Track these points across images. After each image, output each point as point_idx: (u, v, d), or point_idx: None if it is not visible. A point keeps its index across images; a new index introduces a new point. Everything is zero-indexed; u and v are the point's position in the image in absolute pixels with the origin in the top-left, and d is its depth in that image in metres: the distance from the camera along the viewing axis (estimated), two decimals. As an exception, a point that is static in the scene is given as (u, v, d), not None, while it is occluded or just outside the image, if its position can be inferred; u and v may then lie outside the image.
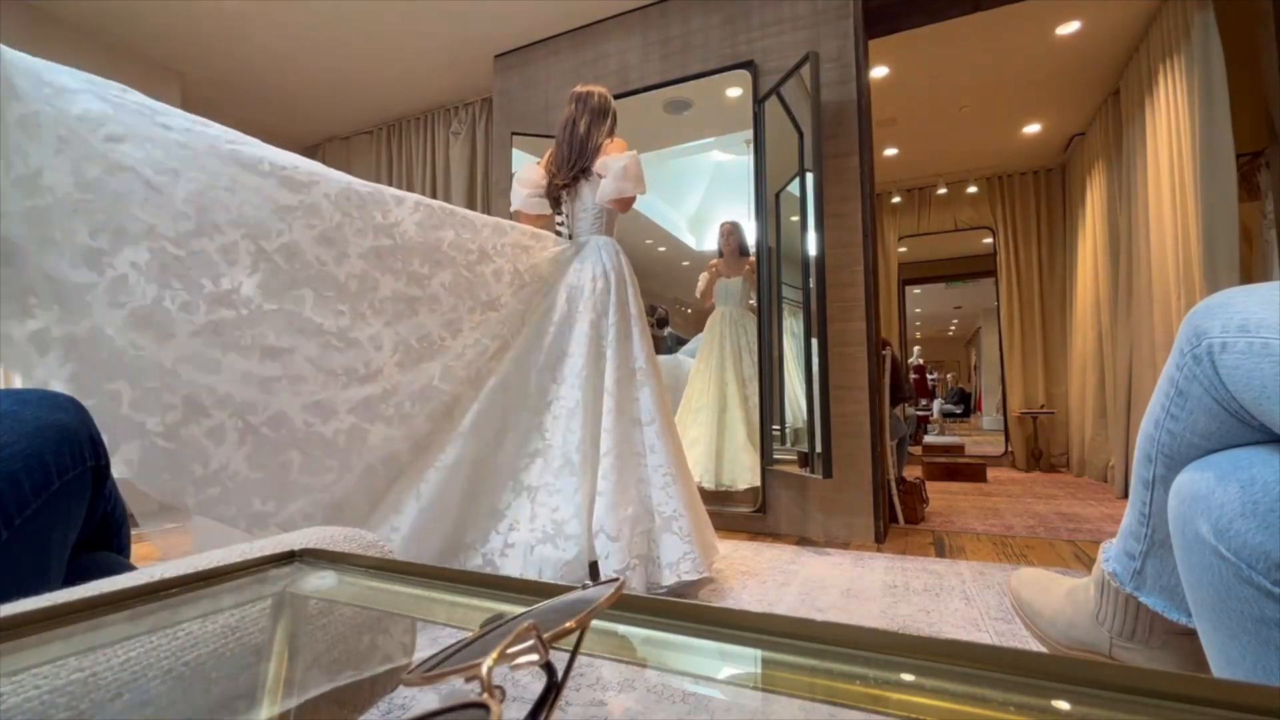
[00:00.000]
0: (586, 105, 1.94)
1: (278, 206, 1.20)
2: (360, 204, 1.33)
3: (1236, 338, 0.50)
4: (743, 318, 3.15)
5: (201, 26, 3.32)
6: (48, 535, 0.54)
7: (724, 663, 0.27)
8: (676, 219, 3.59)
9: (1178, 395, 0.56)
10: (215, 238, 1.11)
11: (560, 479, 1.65)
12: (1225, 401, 0.51)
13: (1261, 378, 0.48)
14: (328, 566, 0.41)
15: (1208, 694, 0.19)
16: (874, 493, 2.48)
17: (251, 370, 1.16)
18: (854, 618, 1.61)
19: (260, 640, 0.39)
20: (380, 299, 1.38)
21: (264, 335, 1.18)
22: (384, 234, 1.37)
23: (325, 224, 1.27)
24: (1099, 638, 0.67)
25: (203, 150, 1.11)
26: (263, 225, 1.17)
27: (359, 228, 1.32)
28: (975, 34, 3.28)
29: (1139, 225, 3.35)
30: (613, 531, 1.60)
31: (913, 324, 6.58)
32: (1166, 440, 0.57)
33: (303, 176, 1.24)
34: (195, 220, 1.09)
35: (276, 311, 1.20)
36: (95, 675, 0.31)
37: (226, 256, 1.13)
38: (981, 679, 0.22)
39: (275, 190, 1.20)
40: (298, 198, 1.22)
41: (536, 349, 1.76)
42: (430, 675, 0.21)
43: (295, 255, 1.22)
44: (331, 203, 1.28)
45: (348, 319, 1.32)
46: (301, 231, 1.23)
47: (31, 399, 0.57)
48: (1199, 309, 0.56)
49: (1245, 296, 0.53)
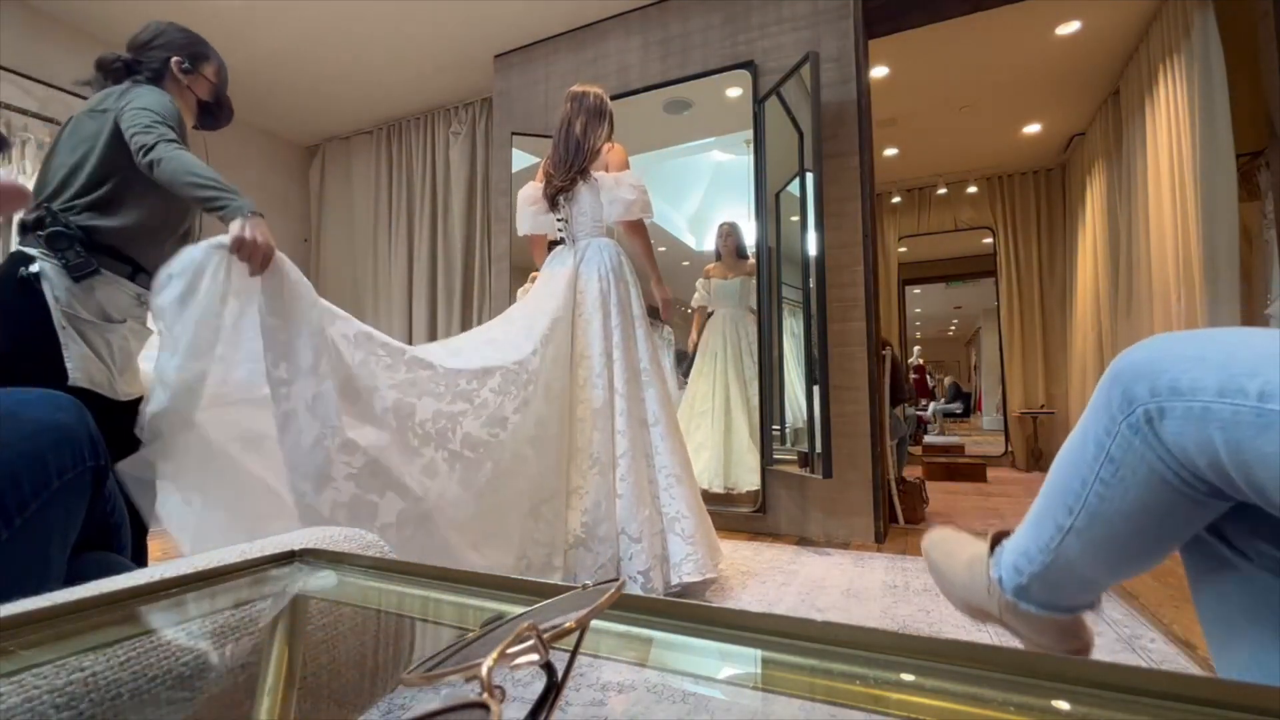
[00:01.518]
0: (582, 105, 1.93)
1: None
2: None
3: (1171, 402, 0.48)
4: (743, 319, 3.14)
5: (201, 26, 3.31)
6: (48, 535, 0.54)
7: (724, 663, 0.27)
8: (676, 219, 3.59)
9: (1109, 461, 0.53)
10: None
11: (588, 481, 1.65)
12: (1177, 469, 0.49)
13: (1209, 443, 0.45)
14: (328, 566, 0.41)
15: (1208, 694, 0.19)
16: (874, 493, 2.48)
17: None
18: (854, 618, 1.61)
19: (260, 640, 0.39)
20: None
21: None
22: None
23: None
24: (991, 607, 0.73)
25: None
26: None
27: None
28: (975, 34, 3.28)
29: (1139, 225, 3.35)
30: (635, 533, 1.60)
31: (913, 324, 6.57)
32: (1094, 502, 0.55)
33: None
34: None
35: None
36: (95, 675, 0.31)
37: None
38: (981, 679, 0.22)
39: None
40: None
41: (563, 354, 1.76)
42: (430, 675, 0.21)
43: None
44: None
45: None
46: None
47: (32, 399, 0.57)
48: (1123, 367, 0.53)
49: (1168, 355, 0.50)
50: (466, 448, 1.38)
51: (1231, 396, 0.44)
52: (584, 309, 1.80)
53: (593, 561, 1.58)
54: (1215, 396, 0.45)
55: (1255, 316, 2.77)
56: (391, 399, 1.28)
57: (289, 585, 0.41)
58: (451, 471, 1.34)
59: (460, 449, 1.37)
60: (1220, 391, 0.45)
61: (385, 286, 4.31)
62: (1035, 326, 5.05)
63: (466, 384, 1.44)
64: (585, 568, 1.57)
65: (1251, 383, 0.44)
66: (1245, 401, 0.43)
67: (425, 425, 1.33)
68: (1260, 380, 0.43)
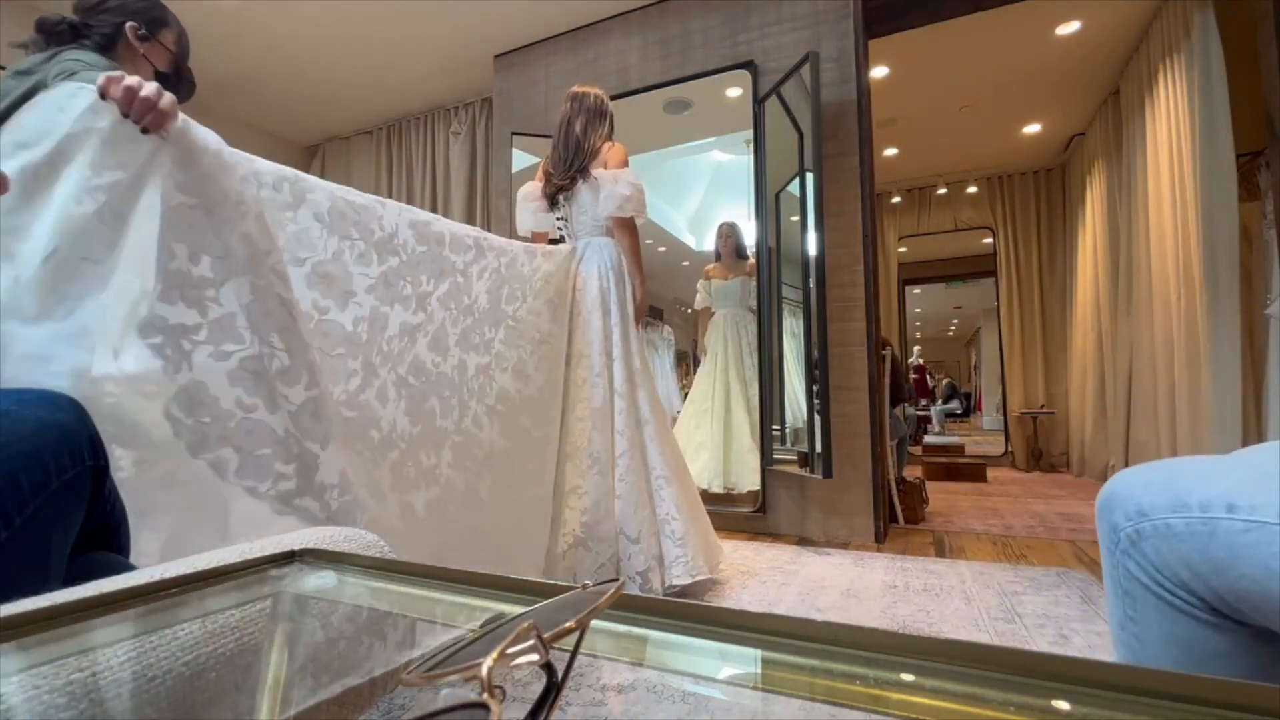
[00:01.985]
0: (582, 105, 1.93)
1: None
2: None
3: (1140, 524, 0.52)
4: (743, 319, 3.15)
5: (201, 27, 3.32)
6: (47, 535, 0.54)
7: (724, 663, 0.27)
8: (676, 219, 3.59)
9: (1126, 596, 0.56)
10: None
11: (588, 481, 1.65)
12: (1170, 588, 0.51)
13: (1181, 556, 0.49)
14: (328, 566, 0.41)
15: (1208, 694, 0.19)
16: (874, 493, 2.48)
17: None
18: (854, 618, 1.61)
19: (260, 640, 0.39)
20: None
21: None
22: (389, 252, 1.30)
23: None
24: None
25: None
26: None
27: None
28: (975, 34, 3.28)
29: (1139, 225, 3.35)
30: (633, 533, 1.60)
31: (913, 324, 6.57)
32: (1137, 646, 0.57)
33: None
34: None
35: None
36: (95, 675, 0.31)
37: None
38: (981, 679, 0.22)
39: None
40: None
41: (559, 353, 1.76)
42: (430, 675, 0.21)
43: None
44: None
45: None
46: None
47: (30, 398, 0.57)
48: (1102, 501, 0.58)
49: (1131, 482, 0.55)
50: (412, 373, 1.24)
51: (1180, 511, 0.50)
52: (583, 308, 1.80)
53: (592, 561, 1.58)
54: (1169, 513, 0.51)
55: (1255, 316, 2.77)
56: (369, 305, 1.13)
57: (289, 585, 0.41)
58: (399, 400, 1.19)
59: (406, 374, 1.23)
60: (1171, 508, 0.51)
61: (385, 286, 4.31)
62: (1035, 326, 5.05)
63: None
64: (585, 568, 1.57)
65: (1191, 497, 0.50)
66: (1190, 514, 0.49)
67: (392, 342, 1.17)
68: (1198, 494, 0.49)
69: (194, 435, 0.88)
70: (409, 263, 1.28)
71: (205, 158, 0.92)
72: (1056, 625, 1.54)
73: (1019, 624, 1.55)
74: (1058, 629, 1.52)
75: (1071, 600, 1.73)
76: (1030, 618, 1.59)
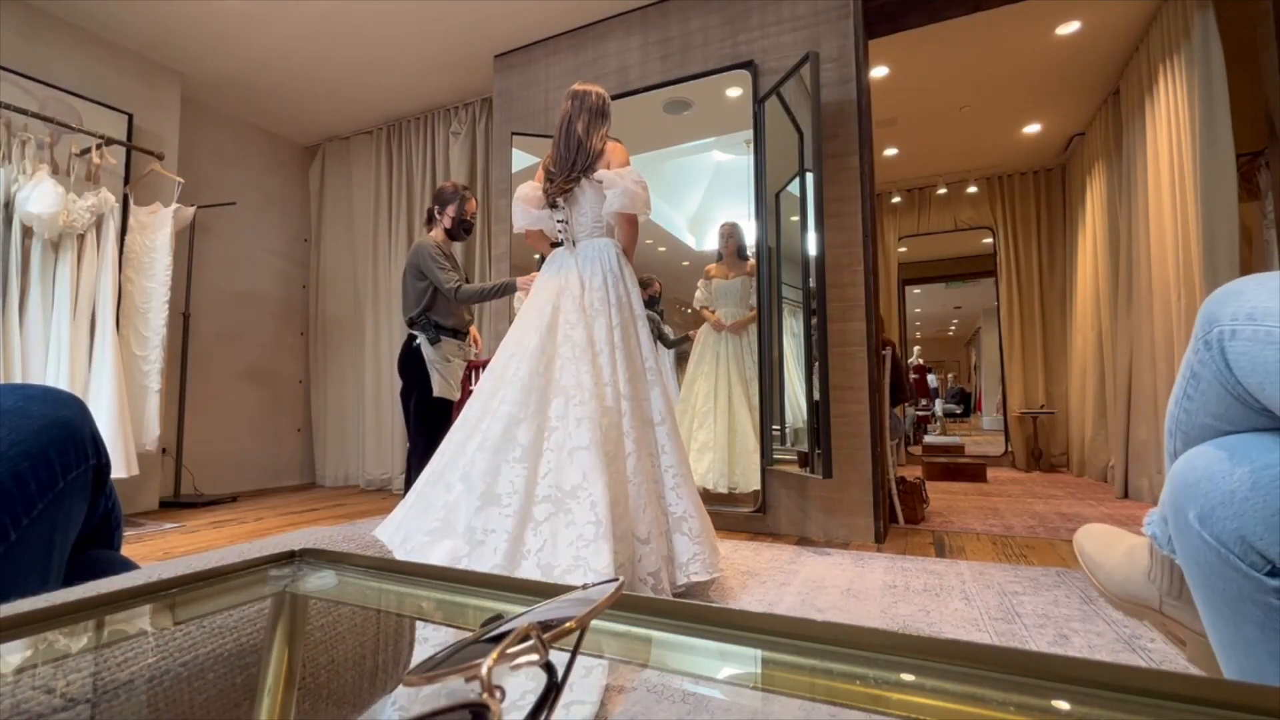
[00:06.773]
0: (584, 104, 1.92)
1: None
2: None
3: (1244, 325, 0.54)
4: (744, 318, 3.15)
5: (201, 27, 3.32)
6: (50, 536, 0.54)
7: (724, 663, 0.27)
8: (676, 219, 3.59)
9: (1192, 378, 0.59)
10: None
11: (590, 481, 1.65)
12: (1231, 386, 0.55)
13: (1265, 364, 0.51)
14: (328, 566, 0.41)
15: (1208, 694, 0.19)
16: (874, 493, 2.48)
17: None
18: (854, 618, 1.61)
19: (260, 640, 0.39)
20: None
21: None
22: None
23: None
24: (1150, 594, 0.72)
25: None
26: None
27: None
28: (975, 34, 3.28)
29: (1139, 225, 3.35)
30: (643, 534, 1.59)
31: (913, 324, 6.57)
32: (1184, 419, 0.61)
33: None
34: None
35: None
36: (95, 675, 0.31)
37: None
38: (981, 679, 0.22)
39: None
40: None
41: (553, 354, 1.75)
42: (430, 675, 0.21)
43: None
44: None
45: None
46: None
47: (36, 395, 0.57)
48: (1215, 296, 0.59)
49: (1257, 285, 0.56)
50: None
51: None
52: (586, 310, 1.79)
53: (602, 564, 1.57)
54: (1276, 323, 0.52)
55: (1255, 316, 2.77)
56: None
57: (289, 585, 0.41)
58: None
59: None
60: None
61: (385, 286, 4.31)
62: (1035, 326, 5.05)
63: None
64: (594, 571, 1.56)
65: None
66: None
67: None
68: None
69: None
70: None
71: None
72: (1056, 625, 1.54)
73: (1019, 624, 1.55)
74: (1057, 629, 1.52)
75: (1071, 600, 1.73)
76: (1030, 618, 1.59)
